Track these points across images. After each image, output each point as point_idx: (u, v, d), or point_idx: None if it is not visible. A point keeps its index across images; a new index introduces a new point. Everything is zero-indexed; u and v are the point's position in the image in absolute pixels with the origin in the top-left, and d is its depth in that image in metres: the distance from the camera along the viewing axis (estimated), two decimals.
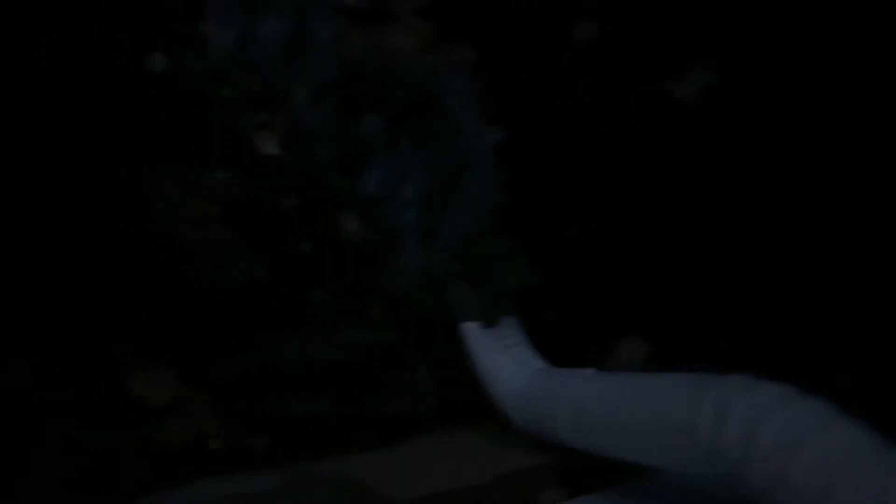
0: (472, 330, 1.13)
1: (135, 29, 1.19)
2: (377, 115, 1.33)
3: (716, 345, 1.19)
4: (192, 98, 1.18)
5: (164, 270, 1.14)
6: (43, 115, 1.10)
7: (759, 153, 1.39)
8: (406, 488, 0.90)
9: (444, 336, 1.21)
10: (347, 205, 1.26)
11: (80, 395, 1.08)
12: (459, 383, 1.21)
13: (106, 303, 1.10)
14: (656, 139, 1.43)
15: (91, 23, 1.17)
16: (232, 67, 1.22)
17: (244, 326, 1.13)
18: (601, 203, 1.33)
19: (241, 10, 1.25)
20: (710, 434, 0.65)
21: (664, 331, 1.29)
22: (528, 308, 1.18)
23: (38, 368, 1.05)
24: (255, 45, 1.25)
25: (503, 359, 1.06)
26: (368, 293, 1.23)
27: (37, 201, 1.08)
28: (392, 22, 1.38)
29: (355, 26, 1.35)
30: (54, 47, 1.14)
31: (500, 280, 1.19)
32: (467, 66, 1.41)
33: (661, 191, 1.37)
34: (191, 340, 1.13)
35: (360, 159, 1.29)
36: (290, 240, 1.15)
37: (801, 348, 1.06)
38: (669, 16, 1.48)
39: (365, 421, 1.17)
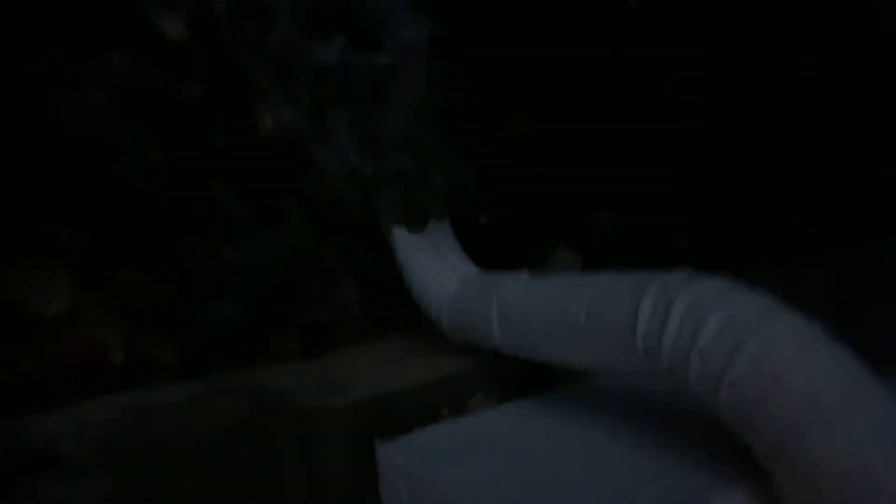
0: (401, 235, 1.06)
1: None
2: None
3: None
4: None
5: (56, 162, 1.00)
6: None
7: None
8: (329, 398, 0.84)
9: (370, 241, 1.14)
10: (263, 98, 1.14)
11: None
12: (385, 291, 1.15)
13: None
14: (596, 37, 1.35)
15: None
16: None
17: (147, 226, 1.02)
18: (540, 102, 1.26)
19: None
20: (650, 329, 0.62)
21: (598, 244, 1.25)
22: (461, 212, 1.12)
23: None
24: None
25: (434, 263, 1.00)
26: (287, 195, 1.13)
27: None
28: None
29: None
30: None
31: (433, 181, 1.11)
32: None
33: (600, 92, 1.31)
34: (87, 242, 1.02)
35: (278, 48, 1.16)
36: (195, 131, 1.03)
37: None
38: None
39: (283, 330, 1.10)
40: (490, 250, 1.13)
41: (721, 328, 0.57)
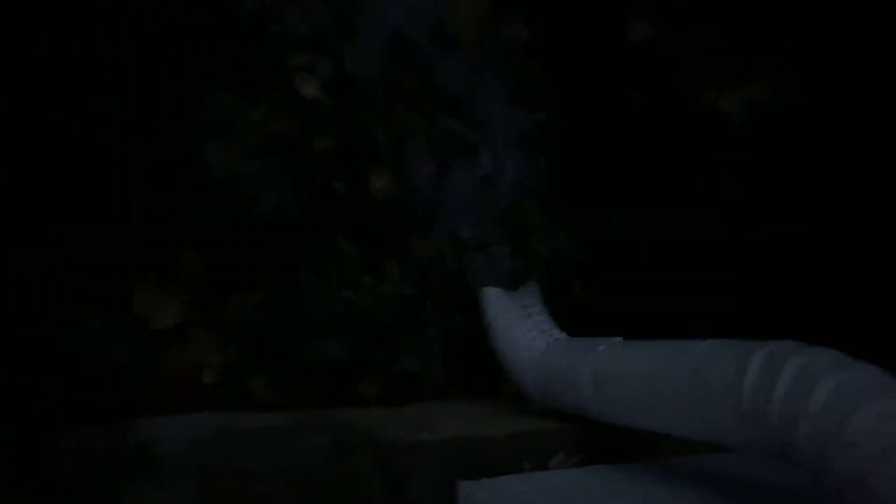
0: (492, 294, 1.10)
1: None
2: (420, 82, 1.32)
3: None
4: (244, 28, 1.17)
5: (194, 194, 1.11)
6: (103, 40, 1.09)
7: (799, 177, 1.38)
8: (416, 436, 0.86)
9: (463, 300, 1.18)
10: (379, 160, 1.24)
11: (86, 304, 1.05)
12: (469, 351, 1.18)
13: (130, 212, 1.07)
14: (697, 146, 1.42)
15: None
16: (286, 7, 1.21)
17: (267, 260, 1.10)
18: (639, 195, 1.31)
19: None
20: (755, 393, 0.62)
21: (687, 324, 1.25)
22: (556, 277, 1.15)
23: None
24: None
25: (522, 325, 1.02)
26: (393, 249, 1.20)
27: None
28: None
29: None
30: None
31: (533, 248, 1.16)
32: (520, 46, 1.40)
33: (698, 196, 1.36)
34: (207, 267, 1.10)
35: (398, 120, 1.28)
36: (323, 178, 1.13)
37: None
38: (725, 25, 1.47)
39: (373, 376, 1.13)
40: (578, 316, 1.15)
41: (834, 392, 0.56)
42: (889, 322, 1.15)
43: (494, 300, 1.08)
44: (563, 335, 1.00)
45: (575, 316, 1.08)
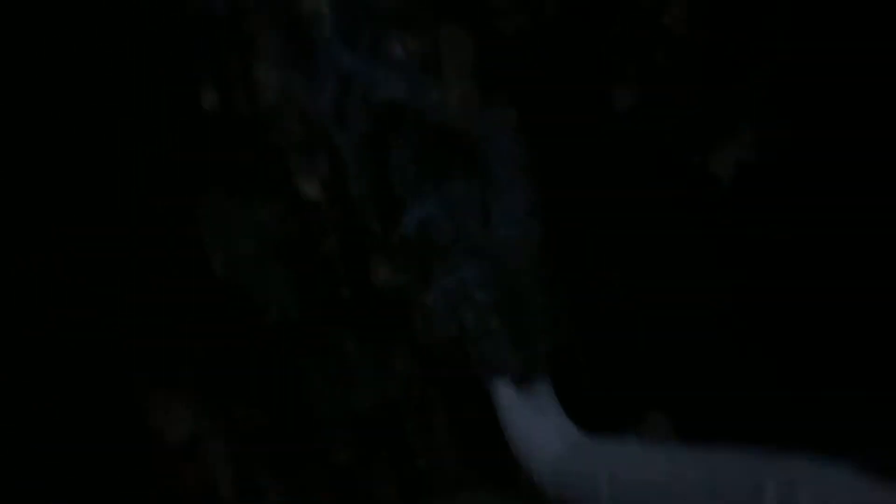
0: (503, 393, 1.11)
1: (189, 65, 1.21)
2: (416, 165, 1.34)
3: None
4: (241, 138, 1.20)
5: (197, 302, 1.12)
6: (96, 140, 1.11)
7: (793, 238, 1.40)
8: None
9: (472, 393, 1.18)
10: (380, 250, 1.26)
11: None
12: (483, 444, 1.18)
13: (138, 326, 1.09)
14: (691, 210, 1.44)
15: (148, 57, 1.20)
16: (280, 112, 1.24)
17: (272, 368, 1.11)
18: (637, 270, 1.33)
19: (292, 56, 1.28)
20: None
21: (693, 407, 1.26)
22: (562, 368, 1.16)
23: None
24: (303, 92, 1.27)
25: (537, 422, 1.03)
26: (396, 342, 1.21)
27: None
28: (438, 78, 1.41)
29: (401, 80, 1.37)
30: (111, 75, 1.17)
31: (538, 338, 1.17)
32: (510, 126, 1.43)
33: (694, 266, 1.38)
34: (215, 377, 1.11)
35: (395, 206, 1.29)
36: (329, 283, 1.14)
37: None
38: (707, 87, 1.51)
39: (385, 475, 1.13)
40: (587, 407, 1.16)
41: None
42: None
43: (506, 398, 1.08)
44: (578, 432, 1.01)
45: (581, 405, 1.09)
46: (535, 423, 1.02)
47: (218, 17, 1.22)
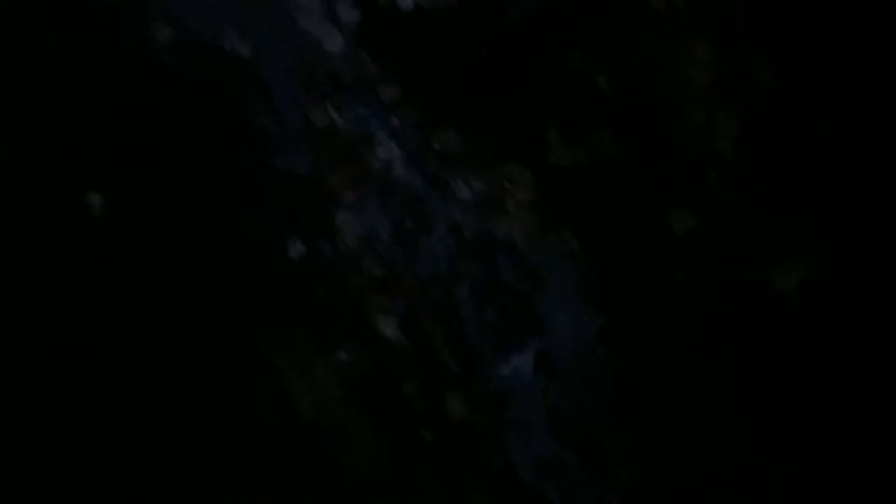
0: None
1: (277, 217, 1.33)
2: (489, 301, 1.40)
3: None
4: (325, 282, 1.28)
5: (279, 447, 1.18)
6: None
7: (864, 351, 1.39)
8: None
9: None
10: (457, 386, 1.30)
11: None
12: None
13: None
14: (758, 332, 1.45)
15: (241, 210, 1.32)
16: (361, 255, 1.32)
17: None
18: (705, 400, 1.33)
19: (370, 203, 1.38)
20: None
21: None
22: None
23: None
24: (380, 235, 1.36)
25: None
26: (476, 480, 1.23)
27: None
28: (502, 213, 1.49)
29: (468, 217, 1.46)
30: (204, 227, 1.29)
31: (615, 472, 1.18)
32: (572, 255, 1.48)
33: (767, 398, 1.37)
34: None
35: (471, 346, 1.34)
36: (411, 426, 1.18)
37: None
38: (766, 206, 1.54)
39: None
40: None
41: None
42: None
43: None
44: None
45: None
46: None
47: (301, 176, 1.34)
